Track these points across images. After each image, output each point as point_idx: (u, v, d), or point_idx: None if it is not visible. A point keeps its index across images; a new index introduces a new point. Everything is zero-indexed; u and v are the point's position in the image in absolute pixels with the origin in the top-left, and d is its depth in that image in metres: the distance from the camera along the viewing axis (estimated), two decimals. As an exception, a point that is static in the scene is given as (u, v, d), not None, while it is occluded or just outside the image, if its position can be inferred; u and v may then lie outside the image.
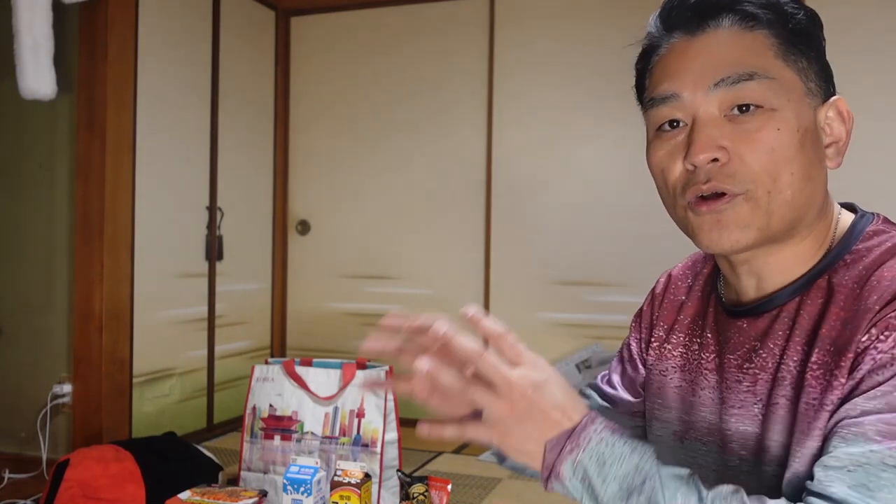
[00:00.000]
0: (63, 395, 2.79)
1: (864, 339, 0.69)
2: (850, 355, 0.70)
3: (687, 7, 0.77)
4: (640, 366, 0.97)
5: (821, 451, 0.70)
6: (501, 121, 3.46)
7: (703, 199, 0.75)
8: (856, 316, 0.71)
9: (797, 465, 0.72)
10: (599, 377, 1.05)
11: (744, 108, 0.74)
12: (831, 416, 0.70)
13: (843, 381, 0.70)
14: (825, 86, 0.78)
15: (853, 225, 0.80)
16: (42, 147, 2.88)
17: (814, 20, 0.77)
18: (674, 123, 0.78)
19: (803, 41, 0.75)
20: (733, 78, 0.73)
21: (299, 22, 3.84)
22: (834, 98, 0.78)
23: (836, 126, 0.78)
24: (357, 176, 3.72)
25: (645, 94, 0.82)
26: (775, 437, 0.77)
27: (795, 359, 0.76)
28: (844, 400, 0.69)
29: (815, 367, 0.73)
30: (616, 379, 1.00)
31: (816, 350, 0.73)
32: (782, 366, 0.77)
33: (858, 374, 0.68)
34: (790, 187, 0.74)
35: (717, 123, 0.74)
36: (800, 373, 0.75)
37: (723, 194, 0.74)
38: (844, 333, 0.71)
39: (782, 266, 0.79)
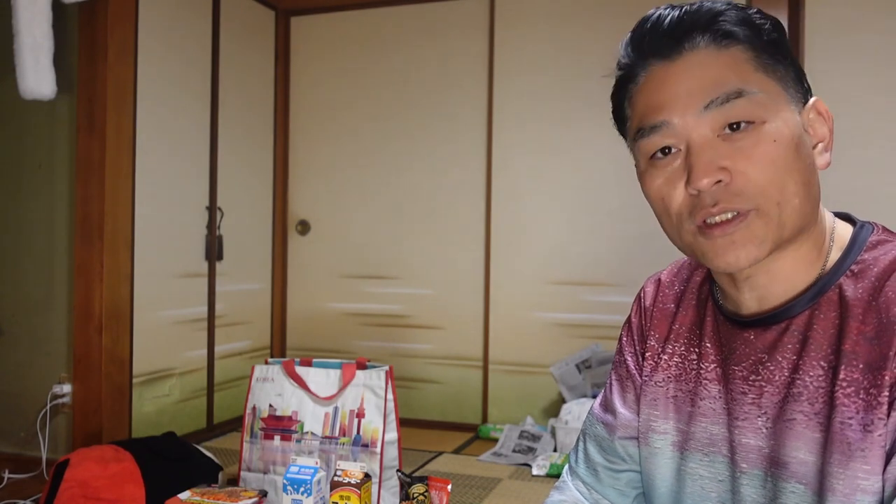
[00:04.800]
0: (63, 395, 2.79)
1: None
2: (887, 373, 0.70)
3: (660, 33, 0.77)
4: (640, 379, 0.95)
5: (872, 474, 0.71)
6: (501, 120, 3.46)
7: (714, 223, 0.74)
8: (882, 331, 0.72)
9: (842, 487, 0.72)
10: (597, 405, 1.01)
11: (735, 126, 0.73)
12: (892, 446, 0.70)
13: (885, 397, 0.70)
14: (802, 89, 0.78)
15: (855, 235, 0.80)
16: (42, 147, 2.88)
17: (779, 29, 0.78)
18: (666, 150, 0.77)
19: (777, 51, 0.76)
20: (722, 98, 0.73)
21: (299, 22, 3.84)
22: (813, 99, 0.79)
23: (819, 126, 0.79)
24: (357, 176, 3.73)
25: (628, 124, 0.82)
26: (794, 453, 0.76)
27: (812, 374, 0.76)
28: None
29: (845, 384, 0.73)
30: (618, 401, 0.97)
31: (843, 367, 0.73)
32: (797, 381, 0.77)
33: None
34: (797, 195, 0.74)
35: (713, 145, 0.74)
36: (825, 390, 0.75)
37: (735, 216, 0.73)
38: (874, 349, 0.72)
39: (783, 275, 0.79)
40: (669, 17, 0.76)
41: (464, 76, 3.53)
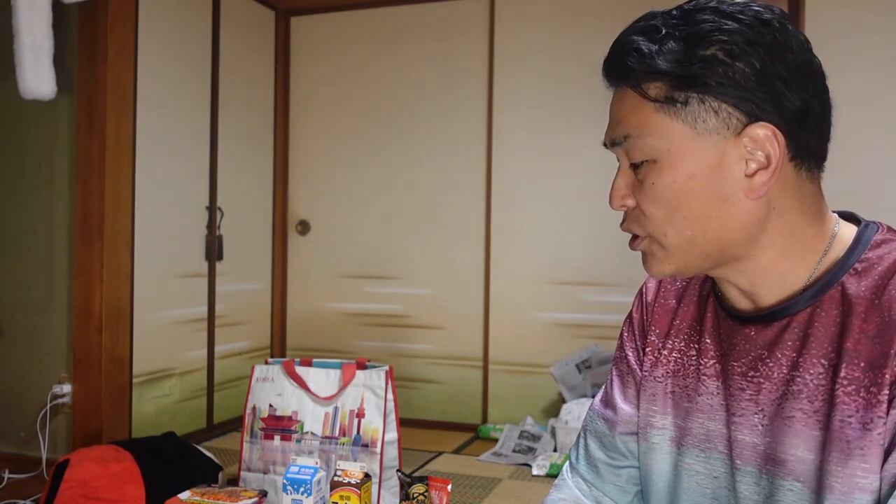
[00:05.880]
0: (63, 395, 2.79)
1: None
2: (888, 372, 0.70)
3: (604, 65, 0.83)
4: (640, 374, 0.96)
5: (871, 472, 0.71)
6: (501, 120, 3.46)
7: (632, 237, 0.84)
8: (884, 329, 0.72)
9: (840, 485, 0.72)
10: (598, 401, 1.02)
11: (634, 164, 0.80)
12: (890, 444, 0.70)
13: (885, 395, 0.70)
14: (744, 112, 0.74)
15: (859, 234, 0.79)
16: (42, 147, 2.88)
17: (707, 60, 0.73)
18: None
19: (693, 84, 0.74)
20: (615, 141, 0.81)
21: (299, 22, 3.84)
22: (756, 124, 0.74)
23: (767, 149, 0.74)
24: (357, 176, 3.73)
25: None
26: (792, 450, 0.76)
27: (812, 372, 0.76)
28: None
29: (845, 382, 0.73)
30: (618, 397, 0.97)
31: (845, 365, 0.73)
32: (797, 378, 0.77)
33: None
34: (688, 229, 0.78)
35: (626, 174, 0.82)
36: (825, 388, 0.75)
37: (639, 235, 0.82)
38: (875, 348, 0.72)
39: (766, 278, 0.79)
40: (610, 51, 0.81)
41: (464, 76, 3.53)
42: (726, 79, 0.73)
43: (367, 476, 1.62)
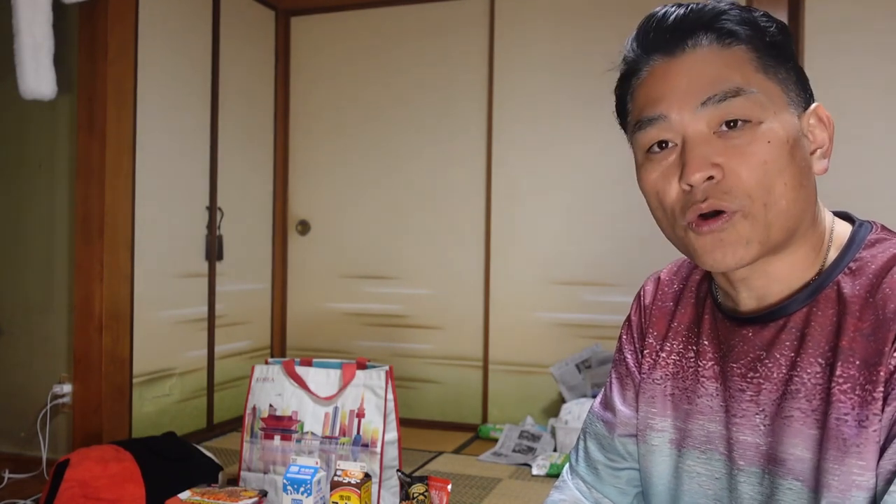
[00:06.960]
0: (63, 395, 2.79)
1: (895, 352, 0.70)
2: (883, 369, 0.70)
3: (664, 29, 0.78)
4: (639, 376, 0.96)
5: (867, 470, 0.71)
6: (501, 120, 3.46)
7: (704, 218, 0.75)
8: (879, 327, 0.72)
9: (837, 483, 0.72)
10: (597, 403, 1.02)
11: (732, 124, 0.74)
12: (885, 441, 0.70)
13: (880, 392, 0.70)
14: (804, 94, 0.79)
15: (854, 234, 0.80)
16: (42, 147, 2.88)
17: (785, 32, 0.78)
18: (663, 144, 0.78)
19: (780, 53, 0.77)
20: (720, 96, 0.74)
21: (299, 22, 3.84)
22: (814, 105, 0.79)
23: (819, 132, 0.79)
24: (357, 176, 3.73)
25: (629, 118, 0.83)
26: (791, 450, 0.77)
27: (810, 371, 0.76)
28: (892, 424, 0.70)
29: (841, 380, 0.73)
30: (617, 399, 0.97)
31: (840, 364, 0.73)
32: (795, 378, 0.77)
33: None
34: (784, 197, 0.74)
35: (708, 141, 0.75)
36: (822, 387, 0.75)
37: (721, 213, 0.74)
38: (870, 345, 0.72)
39: (780, 276, 0.79)
40: (675, 15, 0.78)
41: (464, 76, 3.53)
42: (795, 57, 0.78)
43: (367, 476, 1.62)
